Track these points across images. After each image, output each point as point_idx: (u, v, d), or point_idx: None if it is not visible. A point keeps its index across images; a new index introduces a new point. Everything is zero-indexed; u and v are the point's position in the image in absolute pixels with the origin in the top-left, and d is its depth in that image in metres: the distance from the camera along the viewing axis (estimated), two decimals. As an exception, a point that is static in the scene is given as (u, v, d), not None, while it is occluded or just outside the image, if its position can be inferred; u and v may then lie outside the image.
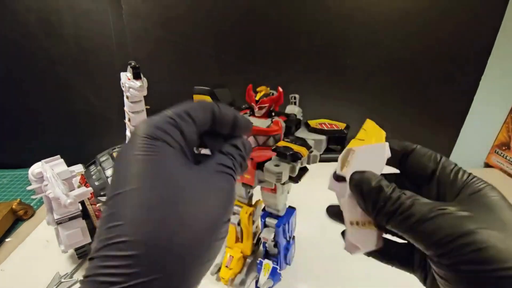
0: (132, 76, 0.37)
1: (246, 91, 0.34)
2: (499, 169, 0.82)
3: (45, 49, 0.69)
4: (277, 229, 0.40)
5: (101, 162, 0.47)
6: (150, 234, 0.15)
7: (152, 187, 0.16)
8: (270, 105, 0.34)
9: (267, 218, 0.41)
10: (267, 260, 0.43)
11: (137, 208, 0.15)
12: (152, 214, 0.15)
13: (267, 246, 0.43)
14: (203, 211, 0.17)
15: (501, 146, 0.82)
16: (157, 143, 0.17)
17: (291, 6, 0.67)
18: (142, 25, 0.67)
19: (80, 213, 0.45)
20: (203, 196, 0.17)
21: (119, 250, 0.14)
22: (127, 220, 0.15)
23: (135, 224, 0.15)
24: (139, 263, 0.14)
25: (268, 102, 0.33)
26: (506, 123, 0.80)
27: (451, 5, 0.67)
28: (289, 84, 0.73)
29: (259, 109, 0.33)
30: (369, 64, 0.73)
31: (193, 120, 0.19)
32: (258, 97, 0.33)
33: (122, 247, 0.14)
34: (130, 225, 0.15)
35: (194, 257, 0.16)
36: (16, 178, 0.76)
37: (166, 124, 0.18)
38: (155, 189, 0.16)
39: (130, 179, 0.16)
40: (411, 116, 0.80)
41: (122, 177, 0.16)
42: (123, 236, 0.14)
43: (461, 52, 0.71)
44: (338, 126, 0.36)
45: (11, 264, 0.49)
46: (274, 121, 0.33)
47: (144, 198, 0.16)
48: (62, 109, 0.76)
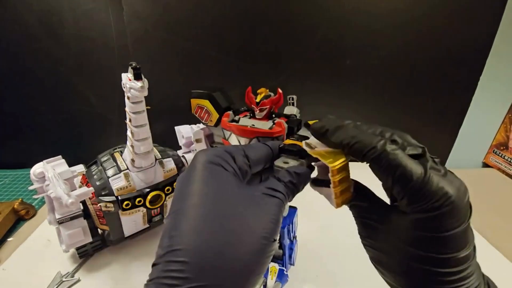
0: (133, 77, 0.38)
1: (245, 93, 0.34)
2: (497, 169, 0.83)
3: (46, 49, 0.69)
4: (282, 230, 0.39)
5: (102, 162, 0.47)
6: (200, 243, 0.17)
7: (207, 203, 0.18)
8: (271, 107, 0.33)
9: None
10: (272, 263, 0.42)
11: (192, 220, 0.18)
12: (204, 227, 0.17)
13: None
14: (251, 227, 0.18)
15: (499, 146, 0.82)
16: (215, 167, 0.20)
17: (291, 7, 0.67)
18: (143, 26, 0.67)
19: (81, 213, 0.45)
20: (252, 214, 0.19)
21: (175, 256, 0.17)
22: (182, 230, 0.17)
23: (188, 234, 0.17)
24: (189, 269, 0.16)
25: (268, 104, 0.32)
26: (504, 123, 0.80)
27: (450, 5, 0.67)
28: (289, 84, 0.74)
29: (260, 111, 0.33)
30: (368, 64, 0.73)
31: (246, 155, 0.23)
32: (259, 99, 0.32)
33: (178, 254, 0.17)
34: (185, 235, 0.17)
35: (243, 269, 0.17)
36: (18, 178, 0.76)
37: (223, 152, 0.21)
38: (209, 205, 0.18)
39: (190, 196, 0.19)
40: (410, 116, 0.80)
41: (184, 194, 0.19)
42: (179, 244, 0.17)
43: (459, 52, 0.72)
44: None
45: (12, 264, 0.50)
46: (277, 122, 0.33)
47: (199, 212, 0.18)
48: (63, 109, 0.76)
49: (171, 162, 0.50)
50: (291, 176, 0.22)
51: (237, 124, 0.33)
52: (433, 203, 0.18)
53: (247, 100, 0.34)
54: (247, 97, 0.34)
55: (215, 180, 0.19)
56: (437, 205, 0.18)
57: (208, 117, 0.37)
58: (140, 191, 0.45)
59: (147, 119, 0.43)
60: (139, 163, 0.45)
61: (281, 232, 0.40)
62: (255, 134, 0.32)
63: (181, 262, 0.16)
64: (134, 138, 0.43)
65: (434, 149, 0.86)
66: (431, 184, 0.18)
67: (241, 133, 0.32)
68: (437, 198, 0.18)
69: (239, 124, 0.33)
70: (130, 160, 0.45)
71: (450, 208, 0.18)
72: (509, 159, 0.80)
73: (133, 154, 0.44)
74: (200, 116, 0.37)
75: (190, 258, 0.16)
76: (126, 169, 0.45)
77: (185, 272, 0.16)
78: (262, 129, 0.31)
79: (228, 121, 0.34)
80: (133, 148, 0.44)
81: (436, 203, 0.18)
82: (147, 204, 0.46)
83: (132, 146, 0.43)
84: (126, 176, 0.45)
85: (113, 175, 0.45)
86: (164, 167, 0.49)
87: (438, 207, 0.18)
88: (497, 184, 0.77)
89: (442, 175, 0.19)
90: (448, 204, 0.18)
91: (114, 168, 0.46)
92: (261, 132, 0.31)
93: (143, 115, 0.42)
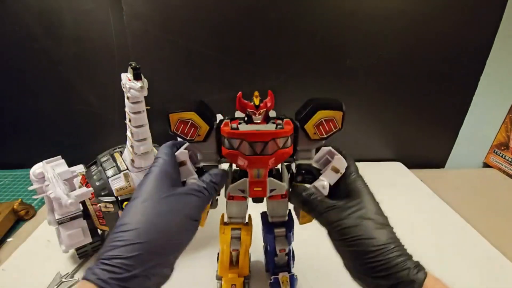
0: (132, 77, 0.38)
1: (236, 99, 0.31)
2: (497, 169, 0.83)
3: (46, 49, 0.69)
4: (289, 234, 0.38)
5: (102, 162, 0.47)
6: (140, 219, 0.26)
7: (149, 199, 0.27)
8: (267, 110, 0.31)
9: (275, 229, 0.38)
10: (282, 274, 0.41)
11: (137, 207, 0.27)
12: (144, 211, 0.26)
13: (278, 257, 0.41)
14: (178, 210, 0.27)
15: (499, 146, 0.82)
16: (163, 176, 0.29)
17: (291, 7, 0.67)
18: (143, 26, 0.67)
19: (81, 213, 0.45)
20: (178, 204, 0.28)
21: (124, 228, 0.25)
22: (131, 212, 0.26)
23: (133, 215, 0.26)
24: (131, 234, 0.25)
25: (265, 107, 0.30)
26: (505, 123, 0.80)
27: (450, 5, 0.67)
28: (288, 84, 0.74)
29: (259, 114, 0.30)
30: (368, 64, 0.73)
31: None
32: (258, 102, 0.30)
33: (125, 227, 0.25)
34: (131, 215, 0.26)
35: (170, 235, 0.26)
36: (18, 179, 0.76)
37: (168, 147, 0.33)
38: (150, 201, 0.27)
39: (141, 193, 0.28)
40: (410, 117, 0.80)
41: (137, 191, 0.28)
42: (126, 220, 0.26)
43: (460, 52, 0.72)
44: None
45: (12, 264, 0.50)
46: (286, 121, 0.31)
47: (142, 203, 0.27)
48: (63, 109, 0.76)
49: (171, 162, 0.50)
50: (210, 176, 0.32)
51: (247, 130, 0.30)
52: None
53: (238, 106, 0.31)
54: (240, 103, 0.31)
55: (160, 184, 0.28)
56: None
57: (194, 132, 0.31)
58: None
59: (147, 119, 0.43)
60: (139, 164, 0.45)
61: (288, 237, 0.39)
62: (271, 136, 0.30)
63: (126, 231, 0.25)
64: (134, 138, 0.43)
65: (434, 149, 0.87)
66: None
67: (254, 138, 0.30)
68: None
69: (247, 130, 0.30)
70: (130, 160, 0.45)
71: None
72: (509, 159, 0.80)
73: (133, 154, 0.44)
74: (184, 133, 0.31)
75: (132, 227, 0.25)
76: (126, 170, 0.45)
77: (128, 236, 0.24)
78: (276, 130, 0.30)
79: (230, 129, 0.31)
80: (133, 149, 0.44)
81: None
82: (147, 205, 0.46)
83: (132, 146, 0.43)
84: (126, 177, 0.45)
85: (112, 176, 0.45)
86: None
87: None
88: (498, 184, 0.77)
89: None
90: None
91: (114, 169, 0.45)
92: (276, 132, 0.30)
93: (143, 115, 0.42)
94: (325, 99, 0.32)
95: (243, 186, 0.34)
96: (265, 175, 0.33)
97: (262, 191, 0.34)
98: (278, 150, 0.30)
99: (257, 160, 0.31)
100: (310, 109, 0.31)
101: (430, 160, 0.86)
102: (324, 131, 0.31)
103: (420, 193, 0.70)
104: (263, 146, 0.30)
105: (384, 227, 0.28)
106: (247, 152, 0.30)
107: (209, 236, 0.39)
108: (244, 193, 0.34)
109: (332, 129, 0.31)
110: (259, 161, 0.31)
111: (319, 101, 0.31)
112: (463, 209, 0.63)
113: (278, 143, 0.30)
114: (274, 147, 0.30)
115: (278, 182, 0.34)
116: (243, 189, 0.34)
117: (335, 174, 0.32)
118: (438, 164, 0.87)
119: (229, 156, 0.32)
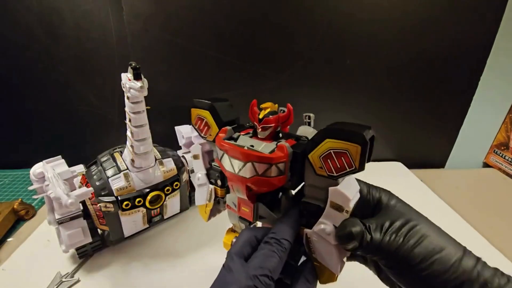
0: (132, 77, 0.38)
1: (249, 106, 0.28)
2: (497, 169, 0.83)
3: (46, 49, 0.69)
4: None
5: (102, 162, 0.47)
6: None
7: None
8: (276, 126, 0.27)
9: None
10: None
11: None
12: None
13: None
14: None
15: (499, 146, 0.82)
16: None
17: (291, 7, 0.67)
18: (143, 26, 0.67)
19: (81, 213, 0.45)
20: None
21: None
22: None
23: None
24: None
25: (273, 122, 0.26)
26: (505, 123, 0.80)
27: (451, 5, 0.67)
28: (288, 85, 0.74)
29: (262, 130, 0.26)
30: (368, 64, 0.73)
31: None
32: (262, 115, 0.26)
33: None
34: None
35: None
36: (18, 178, 0.76)
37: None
38: None
39: None
40: (410, 117, 0.80)
41: None
42: None
43: (460, 52, 0.72)
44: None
45: (12, 264, 0.50)
46: (279, 146, 0.25)
47: None
48: (63, 109, 0.76)
49: (171, 162, 0.50)
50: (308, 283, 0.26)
51: (233, 143, 0.27)
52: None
53: (250, 115, 0.28)
54: (251, 112, 0.28)
55: None
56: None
57: (207, 131, 0.31)
58: (140, 191, 0.45)
59: (147, 119, 0.43)
60: (139, 163, 0.45)
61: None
62: (249, 158, 0.25)
63: None
64: (134, 138, 0.43)
65: (434, 149, 0.87)
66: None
67: (233, 153, 0.26)
68: None
69: (235, 144, 0.27)
70: (130, 160, 0.45)
71: None
72: (509, 159, 0.80)
73: (133, 154, 0.44)
74: (200, 129, 0.32)
75: None
76: (126, 169, 0.45)
77: None
78: (260, 153, 0.25)
79: (224, 138, 0.28)
80: (133, 148, 0.44)
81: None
82: (147, 204, 0.46)
83: (132, 146, 0.43)
84: (126, 176, 0.45)
85: (113, 175, 0.45)
86: (164, 167, 0.48)
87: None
88: (498, 184, 0.77)
89: None
90: None
91: (114, 168, 0.45)
92: (257, 156, 0.25)
93: (143, 115, 0.42)
94: (345, 125, 0.24)
95: (235, 200, 0.32)
96: (249, 197, 0.29)
97: (248, 213, 0.30)
98: (256, 177, 0.26)
99: (234, 178, 0.28)
100: (318, 135, 0.24)
101: (430, 160, 0.86)
102: (334, 167, 0.23)
103: (420, 193, 0.70)
104: (241, 166, 0.26)
105: (442, 233, 0.25)
106: (226, 167, 0.28)
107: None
108: (235, 207, 0.32)
109: (345, 167, 0.23)
110: (236, 179, 0.28)
111: (334, 126, 0.24)
112: (463, 209, 0.63)
113: (257, 168, 0.25)
114: (252, 172, 0.26)
115: (268, 211, 0.29)
116: (235, 203, 0.32)
117: (338, 214, 0.24)
118: (438, 164, 0.87)
119: (219, 165, 0.30)
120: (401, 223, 0.24)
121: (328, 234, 0.25)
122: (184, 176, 0.52)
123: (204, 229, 0.54)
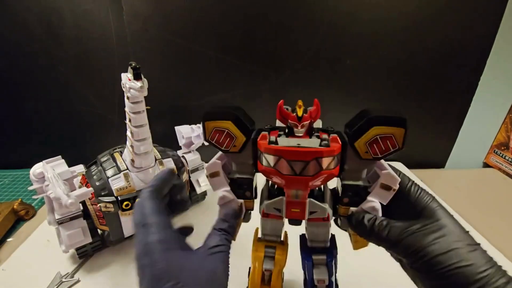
0: (132, 77, 0.38)
1: (277, 108, 0.28)
2: (498, 169, 0.83)
3: (46, 49, 0.69)
4: (330, 263, 0.32)
5: (102, 162, 0.47)
6: None
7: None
8: (311, 121, 0.27)
9: (314, 255, 0.33)
10: None
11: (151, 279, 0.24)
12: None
13: None
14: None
15: (500, 146, 0.82)
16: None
17: (291, 7, 0.67)
18: (143, 26, 0.67)
19: (81, 213, 0.45)
20: (198, 280, 0.23)
21: None
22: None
23: None
24: None
25: (309, 118, 0.27)
26: (505, 123, 0.80)
27: (451, 5, 0.67)
28: (288, 85, 0.74)
29: (302, 127, 0.27)
30: (368, 64, 0.73)
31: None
32: (301, 113, 0.26)
33: None
34: None
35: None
36: (18, 178, 0.76)
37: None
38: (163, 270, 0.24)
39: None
40: (410, 117, 0.79)
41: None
42: None
43: (460, 52, 0.72)
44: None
45: (12, 264, 0.50)
46: (333, 138, 0.27)
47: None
48: (63, 109, 0.76)
49: (171, 162, 0.50)
50: (227, 222, 0.28)
51: (285, 146, 0.26)
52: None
53: (279, 116, 0.28)
54: (280, 113, 0.28)
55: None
56: None
57: (230, 142, 0.28)
58: (140, 191, 0.45)
59: (147, 119, 0.43)
60: (139, 163, 0.45)
61: (329, 266, 0.33)
62: (314, 155, 0.25)
63: None
64: (134, 138, 0.43)
65: (434, 149, 0.87)
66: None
67: (294, 156, 0.26)
68: None
69: (285, 146, 0.26)
70: (130, 160, 0.45)
71: None
72: (509, 159, 0.80)
73: (133, 154, 0.44)
74: (219, 143, 0.28)
75: None
76: (126, 169, 0.45)
77: None
78: (320, 148, 0.26)
79: (268, 143, 0.27)
80: (133, 148, 0.44)
81: None
82: (147, 205, 0.46)
83: (132, 146, 0.43)
84: (125, 176, 0.45)
85: (112, 175, 0.45)
86: (164, 167, 0.48)
87: None
88: (498, 184, 0.77)
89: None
90: None
91: (114, 169, 0.45)
92: (321, 151, 0.25)
93: (143, 115, 0.42)
94: (383, 111, 0.26)
95: (280, 205, 0.30)
96: (305, 197, 0.29)
97: (300, 213, 0.29)
98: (321, 172, 0.26)
99: (296, 181, 0.27)
100: (364, 124, 0.26)
101: (430, 160, 0.86)
102: (379, 150, 0.26)
103: (420, 193, 0.70)
104: (303, 166, 0.26)
105: (476, 247, 0.24)
106: (284, 171, 0.26)
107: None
108: (280, 212, 0.30)
109: (389, 148, 0.26)
110: (297, 182, 0.27)
111: (376, 114, 0.26)
112: (463, 209, 0.63)
113: (322, 163, 0.26)
114: (317, 168, 0.26)
115: (320, 205, 0.29)
116: (279, 208, 0.30)
117: (387, 192, 0.27)
118: (438, 164, 0.87)
119: (265, 173, 0.28)
120: (432, 226, 0.25)
121: (375, 210, 0.28)
122: (184, 176, 0.52)
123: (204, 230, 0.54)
